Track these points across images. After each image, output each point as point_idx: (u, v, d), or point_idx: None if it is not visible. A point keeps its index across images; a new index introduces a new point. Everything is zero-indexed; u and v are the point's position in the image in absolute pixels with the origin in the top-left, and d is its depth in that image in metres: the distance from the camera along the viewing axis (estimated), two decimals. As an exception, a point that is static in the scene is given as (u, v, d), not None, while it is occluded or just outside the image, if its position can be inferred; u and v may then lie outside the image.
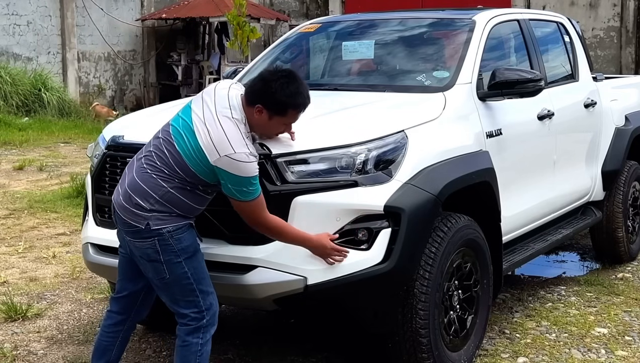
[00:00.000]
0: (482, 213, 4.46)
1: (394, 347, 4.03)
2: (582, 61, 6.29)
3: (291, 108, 3.52)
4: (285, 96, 3.48)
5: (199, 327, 3.56)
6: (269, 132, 3.65)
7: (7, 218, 8.13)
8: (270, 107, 3.48)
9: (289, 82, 3.49)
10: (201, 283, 3.55)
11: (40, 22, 17.73)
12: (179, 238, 3.49)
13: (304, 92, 3.55)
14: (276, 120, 3.54)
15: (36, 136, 13.91)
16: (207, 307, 3.56)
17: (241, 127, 3.47)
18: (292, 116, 3.57)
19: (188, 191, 3.49)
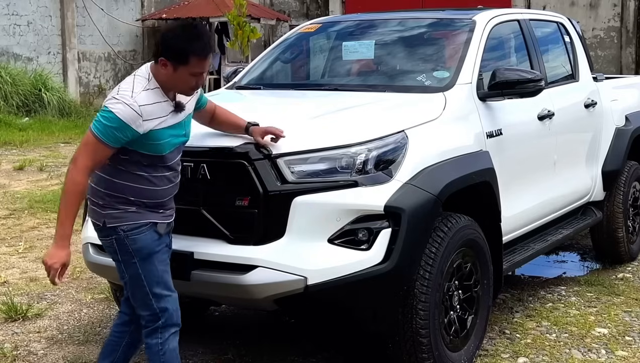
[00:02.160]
0: (482, 213, 4.46)
1: (394, 347, 4.03)
2: (582, 61, 6.29)
3: (191, 54, 3.35)
4: (183, 41, 3.35)
5: (155, 328, 3.54)
6: (181, 86, 3.44)
7: (8, 218, 8.13)
8: (171, 57, 3.36)
9: (185, 29, 3.40)
10: (155, 286, 3.49)
11: (40, 22, 17.73)
12: (134, 238, 3.44)
13: (204, 38, 3.40)
14: (181, 70, 3.37)
15: (36, 136, 13.91)
16: (160, 310, 3.51)
17: (141, 81, 3.42)
18: (197, 64, 3.38)
19: (130, 174, 3.42)
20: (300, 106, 4.81)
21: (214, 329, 5.13)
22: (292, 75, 5.88)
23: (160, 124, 3.39)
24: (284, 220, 3.74)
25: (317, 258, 3.72)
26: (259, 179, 3.74)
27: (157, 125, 3.38)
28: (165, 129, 3.42)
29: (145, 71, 3.48)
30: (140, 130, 3.32)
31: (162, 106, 3.42)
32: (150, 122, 3.35)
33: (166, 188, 3.52)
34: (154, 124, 3.37)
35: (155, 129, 3.37)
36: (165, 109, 3.42)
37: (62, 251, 3.36)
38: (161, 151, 3.43)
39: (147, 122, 3.34)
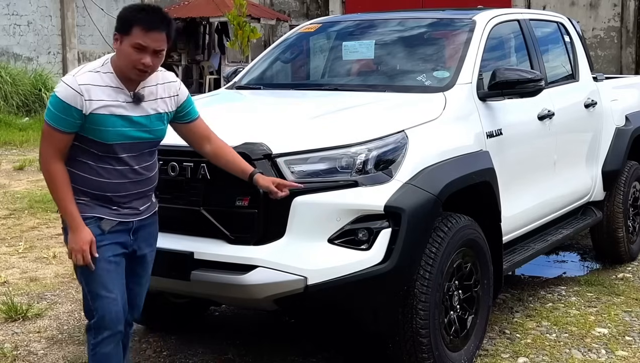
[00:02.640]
0: (482, 213, 4.46)
1: (394, 347, 4.03)
2: (582, 61, 6.29)
3: (135, 24, 3.24)
4: (131, 12, 3.27)
5: (89, 326, 3.43)
6: (126, 63, 3.29)
7: (8, 218, 8.13)
8: (119, 28, 3.28)
9: (141, 6, 3.32)
10: (91, 284, 3.38)
11: (40, 22, 17.74)
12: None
13: (151, 11, 3.29)
14: (125, 43, 3.26)
15: (36, 136, 13.89)
16: (95, 309, 3.38)
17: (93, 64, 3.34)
18: (139, 35, 3.24)
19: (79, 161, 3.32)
20: (300, 106, 4.81)
21: (214, 329, 5.14)
22: (292, 75, 5.88)
23: (107, 109, 3.26)
24: (284, 220, 3.74)
25: (317, 258, 3.72)
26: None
27: (102, 109, 3.24)
28: (114, 117, 3.27)
29: (104, 58, 3.40)
30: (84, 110, 3.21)
31: (111, 91, 3.28)
32: (94, 102, 3.23)
33: (116, 182, 3.35)
34: (98, 106, 3.23)
35: (98, 113, 3.24)
36: (114, 95, 3.28)
37: (80, 233, 3.29)
38: (105, 139, 3.28)
39: (90, 102, 3.22)
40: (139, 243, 3.50)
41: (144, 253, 3.53)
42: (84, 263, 3.31)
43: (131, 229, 3.44)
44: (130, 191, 3.40)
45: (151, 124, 3.39)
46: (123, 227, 3.41)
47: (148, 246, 3.56)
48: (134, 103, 3.33)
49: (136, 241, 3.48)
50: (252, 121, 4.35)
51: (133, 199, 3.42)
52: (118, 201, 3.38)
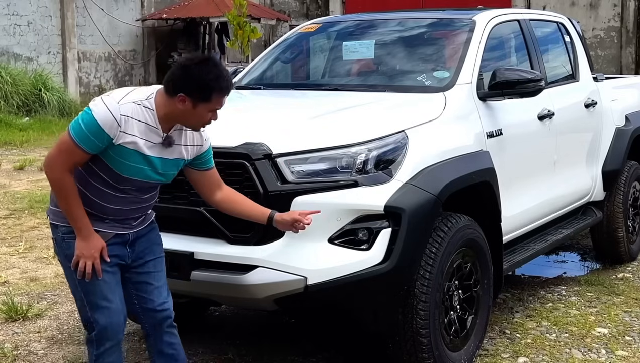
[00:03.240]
0: (482, 213, 4.46)
1: (394, 347, 4.03)
2: (582, 61, 6.29)
3: (215, 92, 3.21)
4: (207, 80, 3.19)
5: (90, 338, 3.39)
6: (197, 121, 3.29)
7: (8, 218, 8.13)
8: (193, 94, 3.19)
9: (209, 66, 3.22)
10: (90, 295, 3.33)
11: (40, 22, 17.74)
12: (69, 243, 3.32)
13: (226, 75, 3.26)
14: (202, 107, 3.22)
15: (37, 136, 13.92)
16: (94, 320, 3.34)
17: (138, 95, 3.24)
18: (218, 102, 3.25)
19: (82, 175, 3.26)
20: (301, 106, 4.81)
21: (214, 329, 5.14)
22: (292, 75, 5.88)
23: (136, 145, 3.20)
24: None
25: (317, 258, 3.72)
26: (259, 179, 3.74)
27: (131, 144, 3.19)
28: (138, 154, 3.22)
29: (149, 92, 3.29)
30: (115, 140, 3.16)
31: (146, 129, 3.22)
32: (127, 136, 3.17)
33: (114, 207, 3.33)
34: (129, 140, 3.18)
35: (126, 147, 3.19)
36: (147, 133, 3.23)
37: (91, 240, 3.27)
38: (121, 171, 3.24)
39: (124, 135, 3.17)
40: (138, 253, 3.47)
41: (146, 261, 3.49)
42: (94, 268, 3.27)
43: (127, 241, 3.42)
44: (127, 216, 3.39)
45: (167, 169, 3.37)
46: (119, 239, 3.39)
47: (150, 253, 3.51)
48: (162, 145, 3.29)
49: (134, 252, 3.45)
50: (252, 121, 4.35)
51: (128, 219, 3.40)
52: (112, 219, 3.35)
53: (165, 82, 3.25)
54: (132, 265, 3.46)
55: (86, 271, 3.28)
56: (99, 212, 3.31)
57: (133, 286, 3.49)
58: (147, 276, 3.49)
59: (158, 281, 3.52)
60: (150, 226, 3.52)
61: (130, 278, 3.48)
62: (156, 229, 3.57)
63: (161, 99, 3.25)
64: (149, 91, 3.30)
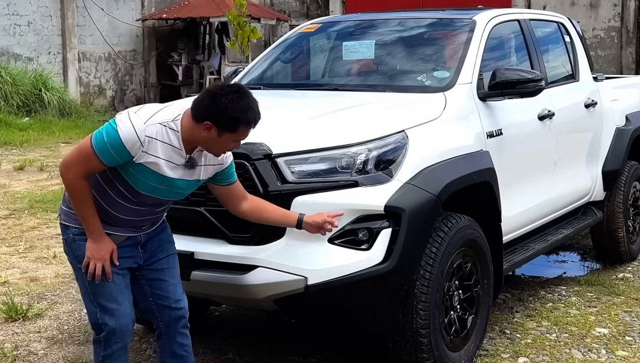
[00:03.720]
0: (482, 213, 4.46)
1: (394, 347, 4.03)
2: (582, 61, 6.29)
3: (242, 124, 3.23)
4: (235, 112, 3.20)
5: (98, 339, 3.41)
6: (219, 149, 3.33)
7: (8, 218, 8.13)
8: (219, 123, 3.20)
9: (239, 98, 3.23)
10: (99, 297, 3.35)
11: (40, 22, 17.73)
12: (79, 244, 3.35)
13: (255, 107, 3.28)
14: (226, 136, 3.24)
15: (37, 136, 13.91)
16: (103, 322, 3.36)
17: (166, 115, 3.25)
18: (243, 132, 3.28)
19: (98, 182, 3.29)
20: (301, 106, 4.81)
21: (214, 329, 5.14)
22: (292, 75, 5.88)
23: (157, 166, 3.22)
24: None
25: (317, 258, 3.72)
26: (259, 179, 3.74)
27: (152, 164, 3.21)
28: (158, 174, 3.24)
29: (177, 111, 3.29)
30: (136, 158, 3.18)
31: (170, 151, 3.24)
32: (148, 156, 3.19)
33: (126, 218, 3.36)
34: (150, 160, 3.20)
35: (146, 166, 3.21)
36: (170, 155, 3.24)
37: (102, 243, 3.30)
38: (139, 187, 3.27)
39: (146, 155, 3.19)
40: (150, 252, 3.50)
41: (158, 259, 3.52)
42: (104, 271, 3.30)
43: (139, 242, 3.45)
44: (139, 225, 3.42)
45: (186, 189, 3.40)
46: (131, 241, 3.42)
47: (162, 251, 3.54)
48: (184, 166, 3.31)
49: (146, 252, 3.49)
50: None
51: (141, 225, 3.44)
52: (121, 222, 3.38)
53: (193, 107, 3.25)
54: (145, 264, 3.49)
55: (96, 274, 3.30)
56: (112, 220, 3.35)
57: (147, 284, 3.53)
58: (160, 273, 3.53)
59: (172, 278, 3.55)
60: (161, 226, 3.56)
61: (144, 275, 3.51)
62: (167, 228, 3.61)
63: (187, 121, 3.25)
64: (177, 110, 3.30)
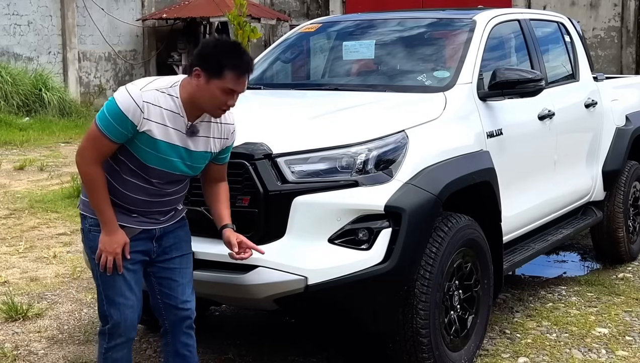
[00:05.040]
0: (482, 212, 4.46)
1: (394, 347, 4.03)
2: (582, 60, 6.29)
3: (228, 69, 3.15)
4: (221, 53, 3.15)
5: (103, 331, 3.42)
6: (211, 102, 3.22)
7: (8, 218, 8.13)
8: (206, 67, 3.16)
9: (228, 44, 3.20)
10: (108, 289, 3.36)
11: (40, 22, 17.73)
12: (94, 235, 3.35)
13: (245, 56, 3.19)
14: (214, 84, 3.16)
15: (37, 136, 13.91)
16: (110, 315, 3.37)
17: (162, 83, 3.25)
18: (232, 81, 3.17)
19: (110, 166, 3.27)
20: (301, 106, 4.81)
21: (214, 329, 5.13)
22: (293, 75, 5.88)
23: (160, 133, 3.20)
24: (284, 220, 3.74)
25: (317, 258, 3.72)
26: (259, 179, 3.74)
27: (155, 131, 3.19)
28: (163, 143, 3.22)
29: (173, 80, 3.30)
30: (139, 126, 3.16)
31: (171, 116, 3.22)
32: (150, 123, 3.17)
33: (141, 198, 3.32)
34: (152, 127, 3.18)
35: (150, 135, 3.19)
36: (171, 121, 3.23)
37: (114, 236, 3.29)
38: (146, 160, 3.25)
39: (148, 122, 3.17)
40: (164, 248, 3.48)
41: (172, 257, 3.49)
42: (118, 262, 3.30)
43: (154, 236, 3.43)
44: (152, 208, 3.39)
45: (194, 161, 3.36)
46: (145, 235, 3.40)
47: (177, 250, 3.51)
48: (186, 135, 3.28)
49: (160, 247, 3.46)
50: (252, 121, 4.34)
51: (154, 212, 3.41)
52: (138, 212, 3.37)
53: (189, 63, 3.27)
54: (157, 259, 3.48)
55: (107, 266, 3.31)
56: (125, 202, 3.32)
57: (157, 281, 3.52)
58: (171, 272, 3.51)
59: (183, 278, 3.54)
60: (179, 222, 3.53)
61: (154, 272, 3.50)
62: (186, 226, 3.58)
63: (185, 83, 3.26)
64: (174, 79, 3.31)
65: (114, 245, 3.29)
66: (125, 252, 3.32)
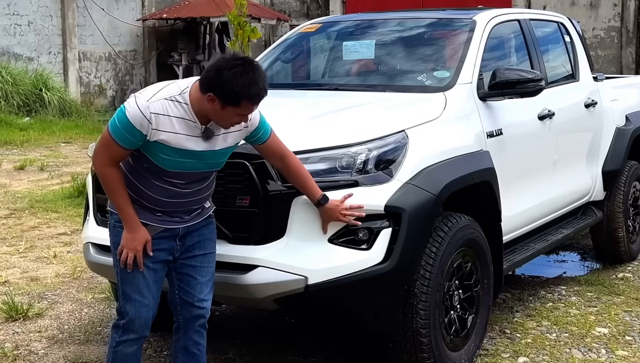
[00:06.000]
0: (482, 212, 4.46)
1: (394, 347, 4.03)
2: (582, 60, 6.29)
3: (244, 99, 3.20)
4: (238, 86, 3.16)
5: (117, 324, 3.48)
6: (224, 121, 3.29)
7: (8, 217, 8.13)
8: (222, 96, 3.18)
9: (243, 72, 3.17)
10: (125, 285, 3.42)
11: (41, 22, 17.74)
12: (118, 231, 3.40)
13: (260, 82, 3.21)
14: (229, 110, 3.22)
15: (37, 136, 13.91)
16: (125, 311, 3.43)
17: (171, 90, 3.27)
18: (247, 107, 3.25)
19: (134, 169, 3.33)
20: (301, 106, 4.81)
21: (214, 329, 5.11)
22: (293, 75, 5.89)
23: (174, 140, 3.23)
24: (284, 220, 3.74)
25: (317, 257, 3.72)
26: (260, 179, 3.74)
27: (168, 139, 3.22)
28: (179, 149, 3.25)
29: (184, 85, 3.31)
30: (149, 136, 3.21)
31: (183, 123, 3.25)
32: (160, 133, 3.21)
33: (163, 199, 3.37)
34: (164, 137, 3.21)
35: (163, 143, 3.23)
36: (184, 128, 3.25)
37: (136, 233, 3.34)
38: (164, 165, 3.30)
39: (157, 132, 3.20)
40: (188, 246, 3.50)
41: (194, 255, 3.51)
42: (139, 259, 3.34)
43: (177, 234, 3.46)
44: (176, 208, 3.42)
45: (215, 158, 3.39)
46: (169, 233, 3.43)
47: (200, 248, 3.53)
48: (202, 139, 3.31)
49: (184, 246, 3.49)
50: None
51: (179, 211, 3.43)
52: (161, 211, 3.40)
53: (201, 78, 3.27)
54: (180, 257, 3.51)
55: (128, 262, 3.35)
56: (148, 202, 3.37)
57: (177, 276, 3.55)
58: (192, 270, 3.53)
59: (203, 277, 3.56)
60: (206, 220, 3.55)
61: (176, 267, 3.53)
62: (212, 224, 3.59)
63: (195, 93, 3.26)
64: (184, 84, 3.32)
65: (135, 242, 3.33)
66: (148, 249, 3.36)
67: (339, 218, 3.67)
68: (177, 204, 3.42)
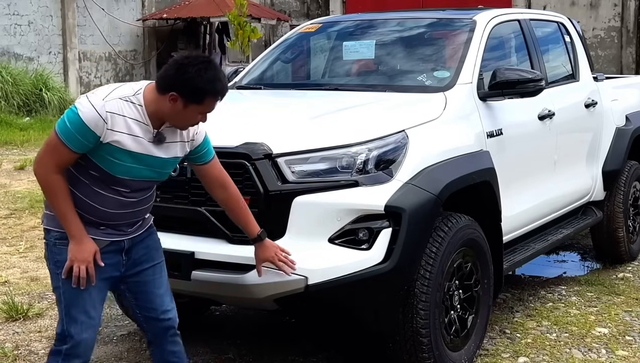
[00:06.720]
0: (482, 212, 4.46)
1: (394, 347, 4.03)
2: (582, 60, 6.29)
3: (209, 95, 3.09)
4: (203, 82, 3.05)
5: (59, 350, 3.21)
6: (185, 121, 3.18)
7: (8, 217, 8.14)
8: (185, 94, 3.06)
9: (206, 68, 3.07)
10: (71, 306, 3.19)
11: (41, 22, 17.75)
12: (60, 249, 3.19)
13: (222, 79, 3.13)
14: (192, 108, 3.10)
15: (37, 136, 13.91)
16: (68, 335, 3.18)
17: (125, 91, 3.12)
18: (209, 104, 3.13)
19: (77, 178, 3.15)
20: (301, 106, 4.81)
21: (214, 329, 5.14)
22: (293, 75, 5.89)
23: (125, 143, 3.08)
24: (284, 220, 3.74)
25: (317, 257, 3.72)
26: (260, 179, 3.74)
27: (120, 142, 3.07)
28: (129, 152, 3.10)
29: (137, 87, 3.16)
30: (102, 138, 3.04)
31: (135, 126, 3.11)
32: (115, 133, 3.05)
33: (107, 210, 3.19)
34: (117, 138, 3.06)
35: (115, 145, 3.07)
36: (136, 130, 3.11)
37: (85, 244, 3.14)
38: (113, 171, 3.12)
39: (112, 133, 3.05)
40: (134, 261, 3.34)
41: (143, 269, 3.37)
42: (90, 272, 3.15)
43: (123, 248, 3.29)
44: (118, 220, 3.25)
45: (162, 167, 3.25)
46: (115, 247, 3.26)
47: (148, 260, 3.38)
48: (153, 143, 3.18)
49: (130, 260, 3.32)
50: (252, 121, 4.35)
51: (121, 224, 3.27)
52: (105, 224, 3.23)
53: (159, 78, 3.14)
54: (128, 273, 3.34)
55: (81, 276, 3.15)
56: (91, 215, 3.19)
57: (132, 297, 3.41)
58: (146, 285, 3.38)
59: (159, 289, 3.42)
60: (147, 231, 3.40)
61: (129, 288, 3.39)
62: (154, 234, 3.45)
63: (151, 95, 3.13)
64: (137, 86, 3.18)
65: (85, 253, 3.13)
66: (98, 260, 3.17)
67: (274, 259, 3.58)
68: (120, 216, 3.24)
